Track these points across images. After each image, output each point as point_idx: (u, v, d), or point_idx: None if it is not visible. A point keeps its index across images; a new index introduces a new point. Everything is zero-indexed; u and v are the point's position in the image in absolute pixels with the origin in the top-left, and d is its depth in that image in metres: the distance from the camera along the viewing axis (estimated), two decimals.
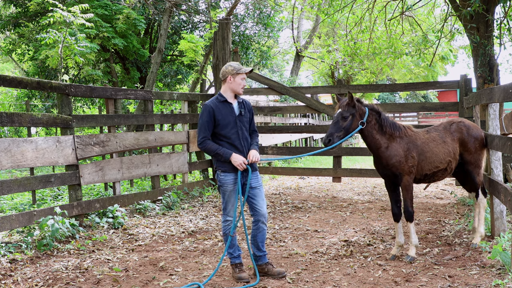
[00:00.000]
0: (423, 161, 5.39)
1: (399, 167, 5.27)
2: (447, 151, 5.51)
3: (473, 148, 5.68)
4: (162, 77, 18.41)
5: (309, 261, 5.52)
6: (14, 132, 15.99)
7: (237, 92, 4.94)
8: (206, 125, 4.83)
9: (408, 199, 5.34)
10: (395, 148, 5.26)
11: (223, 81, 4.95)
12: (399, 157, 5.25)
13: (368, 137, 5.28)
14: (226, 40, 10.42)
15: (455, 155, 5.57)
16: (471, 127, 5.75)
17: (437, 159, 5.45)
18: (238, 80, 4.90)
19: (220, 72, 4.98)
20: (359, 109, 5.20)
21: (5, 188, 5.87)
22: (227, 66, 4.95)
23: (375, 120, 5.28)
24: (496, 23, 8.58)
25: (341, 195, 10.00)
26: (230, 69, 4.90)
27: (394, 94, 36.71)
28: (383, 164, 5.35)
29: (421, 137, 5.48)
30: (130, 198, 8.03)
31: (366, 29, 12.64)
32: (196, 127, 10.23)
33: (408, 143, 5.32)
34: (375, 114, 5.30)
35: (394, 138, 5.30)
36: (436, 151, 5.45)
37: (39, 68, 15.53)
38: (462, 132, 5.67)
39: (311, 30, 22.75)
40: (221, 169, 4.90)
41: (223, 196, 4.95)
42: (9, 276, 5.10)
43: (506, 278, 4.48)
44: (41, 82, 6.66)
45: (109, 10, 14.13)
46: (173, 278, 5.07)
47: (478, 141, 5.71)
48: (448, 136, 5.59)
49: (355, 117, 5.16)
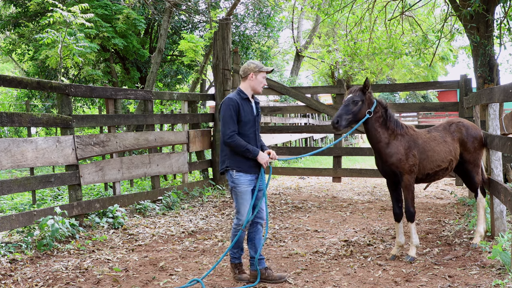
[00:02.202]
0: (425, 160, 5.39)
1: (399, 165, 5.27)
2: (448, 150, 5.53)
3: (472, 147, 5.73)
4: (162, 77, 18.42)
5: (309, 261, 5.52)
6: (14, 132, 15.98)
7: (257, 91, 4.83)
8: (233, 119, 4.64)
9: (409, 199, 5.33)
10: (395, 146, 5.27)
11: (243, 78, 4.83)
12: (399, 155, 5.26)
13: (371, 130, 5.30)
14: (226, 40, 10.42)
15: (455, 155, 5.61)
16: (470, 127, 5.80)
17: (439, 158, 5.46)
18: (259, 78, 4.81)
19: (241, 69, 4.84)
20: (369, 97, 5.27)
21: (5, 188, 5.87)
22: (249, 63, 4.84)
23: (381, 113, 5.32)
24: (496, 23, 8.58)
25: (341, 195, 10.00)
26: (252, 66, 4.80)
27: (394, 94, 36.70)
28: (383, 161, 5.35)
29: (423, 136, 5.50)
30: (130, 198, 8.03)
31: (366, 29, 12.64)
32: (196, 127, 10.28)
33: (409, 141, 5.33)
34: (382, 108, 5.35)
35: (396, 136, 5.32)
36: (437, 150, 5.46)
37: (39, 68, 15.53)
38: (462, 132, 5.72)
39: (311, 30, 22.76)
40: (237, 169, 4.70)
41: (237, 197, 4.74)
42: (9, 276, 5.10)
43: (506, 278, 4.48)
44: (41, 82, 6.66)
45: (109, 10, 14.13)
46: (173, 278, 5.07)
47: (477, 141, 5.76)
48: (448, 136, 5.63)
49: (364, 104, 5.22)
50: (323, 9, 13.21)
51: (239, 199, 4.75)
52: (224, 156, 4.80)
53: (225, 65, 10.43)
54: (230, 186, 4.79)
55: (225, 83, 10.49)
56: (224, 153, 4.80)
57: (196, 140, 9.94)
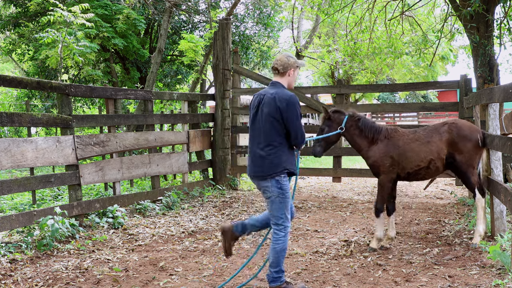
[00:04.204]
0: (404, 161, 5.71)
1: (376, 166, 5.79)
2: (428, 150, 5.72)
3: (464, 148, 5.71)
4: (162, 77, 18.42)
5: (309, 261, 5.52)
6: (14, 132, 15.99)
7: (290, 88, 4.47)
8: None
9: (380, 196, 5.80)
10: (373, 151, 5.79)
11: (281, 74, 4.40)
12: (375, 158, 5.77)
13: (351, 141, 5.90)
14: (226, 40, 10.42)
15: (439, 155, 5.72)
16: (462, 128, 5.77)
17: (418, 158, 5.72)
18: (296, 74, 4.46)
19: (279, 63, 4.39)
20: (335, 118, 5.84)
21: (5, 188, 5.87)
22: (288, 57, 4.41)
23: (355, 125, 5.82)
24: (496, 23, 8.57)
25: (341, 195, 10.00)
26: (292, 61, 4.39)
27: (394, 94, 36.71)
28: (366, 163, 5.95)
29: (405, 138, 5.79)
30: (130, 198, 8.03)
31: (366, 29, 12.63)
32: (196, 127, 10.28)
33: (387, 145, 5.75)
34: (354, 120, 5.81)
35: (375, 141, 5.79)
36: (417, 150, 5.72)
37: (39, 68, 15.54)
38: (452, 132, 5.74)
39: (311, 30, 22.74)
40: (288, 172, 4.31)
41: (285, 203, 4.29)
42: (9, 276, 5.10)
43: (506, 278, 4.48)
44: (41, 82, 6.66)
45: (109, 10, 14.13)
46: (173, 278, 5.07)
47: (469, 142, 5.71)
48: (436, 136, 5.76)
49: (332, 127, 5.83)
50: (323, 9, 13.20)
51: (286, 203, 4.30)
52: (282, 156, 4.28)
53: (225, 65, 10.43)
54: (275, 192, 4.26)
55: (225, 83, 10.49)
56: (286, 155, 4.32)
57: (196, 140, 9.94)
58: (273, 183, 4.25)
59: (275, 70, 4.43)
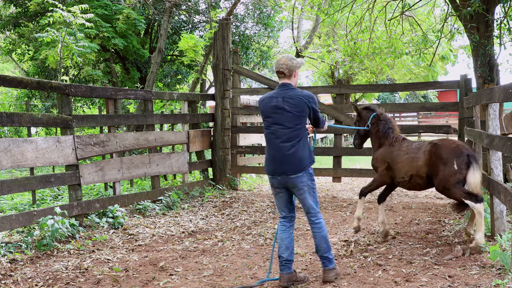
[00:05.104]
0: (395, 170, 6.07)
1: (375, 167, 6.36)
2: (411, 166, 5.89)
3: (439, 170, 5.61)
4: (162, 77, 18.42)
5: (309, 261, 5.52)
6: (14, 132, 15.99)
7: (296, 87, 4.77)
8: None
9: (369, 185, 6.32)
10: (377, 152, 6.28)
11: (288, 76, 4.63)
12: (375, 158, 6.32)
13: (370, 138, 6.45)
14: (226, 40, 10.42)
15: (417, 172, 5.84)
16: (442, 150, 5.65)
17: (403, 170, 5.98)
18: (299, 74, 4.77)
19: (285, 67, 4.59)
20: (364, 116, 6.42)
21: (5, 188, 5.87)
22: (291, 60, 4.61)
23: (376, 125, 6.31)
24: (496, 23, 8.56)
25: (341, 195, 10.00)
26: (295, 63, 4.60)
27: (394, 94, 36.71)
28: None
29: (401, 149, 6.05)
30: (130, 198, 8.03)
31: (366, 29, 12.63)
32: (196, 127, 10.30)
33: (386, 151, 6.17)
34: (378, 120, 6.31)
35: (381, 145, 6.26)
36: (404, 163, 5.98)
37: (39, 68, 15.54)
38: (431, 154, 5.71)
39: (311, 30, 22.73)
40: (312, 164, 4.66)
41: (316, 192, 4.65)
42: (9, 276, 5.10)
43: (506, 278, 4.48)
44: (41, 82, 6.66)
45: (109, 10, 14.13)
46: (173, 278, 5.07)
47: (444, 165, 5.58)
48: (420, 154, 5.86)
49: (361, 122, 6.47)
50: (323, 9, 13.20)
51: (316, 194, 4.67)
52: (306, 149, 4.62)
53: (225, 65, 10.43)
54: (309, 184, 4.60)
55: (225, 83, 10.49)
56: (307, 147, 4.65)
57: (196, 140, 9.94)
58: (306, 175, 4.55)
59: (281, 74, 4.63)
